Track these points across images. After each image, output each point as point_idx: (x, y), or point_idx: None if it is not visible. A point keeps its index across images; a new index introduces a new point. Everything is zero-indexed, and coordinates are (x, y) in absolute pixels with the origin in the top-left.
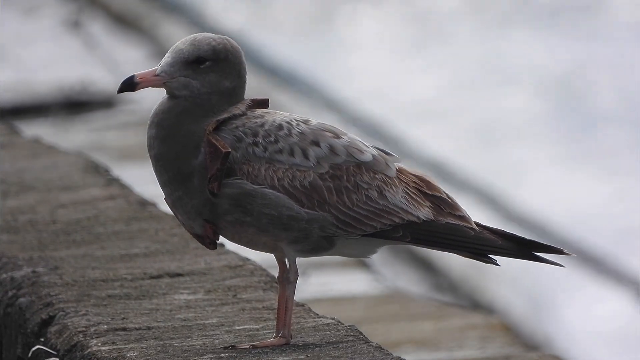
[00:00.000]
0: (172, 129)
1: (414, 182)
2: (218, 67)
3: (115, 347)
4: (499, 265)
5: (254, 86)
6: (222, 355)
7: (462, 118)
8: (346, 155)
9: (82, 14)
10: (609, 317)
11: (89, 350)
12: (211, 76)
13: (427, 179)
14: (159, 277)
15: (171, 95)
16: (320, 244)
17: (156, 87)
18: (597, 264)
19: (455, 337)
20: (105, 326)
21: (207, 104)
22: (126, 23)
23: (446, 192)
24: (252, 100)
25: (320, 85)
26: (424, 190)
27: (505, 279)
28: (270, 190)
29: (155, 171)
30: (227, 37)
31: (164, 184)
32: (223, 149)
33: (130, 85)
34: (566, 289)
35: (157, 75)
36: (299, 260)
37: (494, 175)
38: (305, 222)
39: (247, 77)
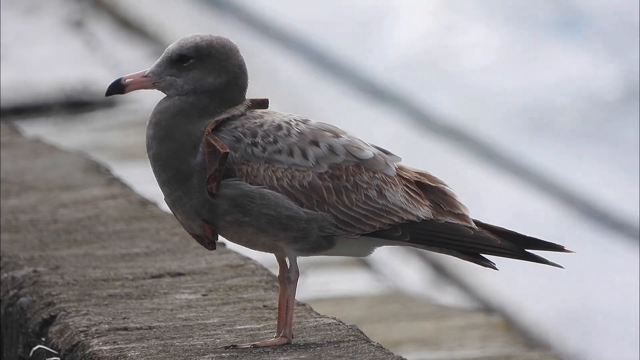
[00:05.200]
0: (170, 129)
1: (416, 176)
2: (201, 64)
3: (116, 346)
4: (497, 269)
5: None
6: (224, 354)
7: None
8: (345, 154)
9: (84, 13)
10: None
11: (90, 350)
12: (194, 73)
13: (428, 173)
14: (160, 276)
15: (167, 95)
16: (319, 243)
17: (146, 88)
18: None
19: (456, 336)
20: (107, 326)
21: (200, 104)
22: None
23: (448, 185)
24: (252, 101)
25: None
26: (426, 182)
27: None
28: (269, 191)
29: (154, 171)
30: (220, 36)
31: (163, 184)
32: (222, 150)
33: (118, 87)
34: None
35: (146, 76)
36: (299, 260)
37: None
38: (304, 222)
39: (246, 75)
